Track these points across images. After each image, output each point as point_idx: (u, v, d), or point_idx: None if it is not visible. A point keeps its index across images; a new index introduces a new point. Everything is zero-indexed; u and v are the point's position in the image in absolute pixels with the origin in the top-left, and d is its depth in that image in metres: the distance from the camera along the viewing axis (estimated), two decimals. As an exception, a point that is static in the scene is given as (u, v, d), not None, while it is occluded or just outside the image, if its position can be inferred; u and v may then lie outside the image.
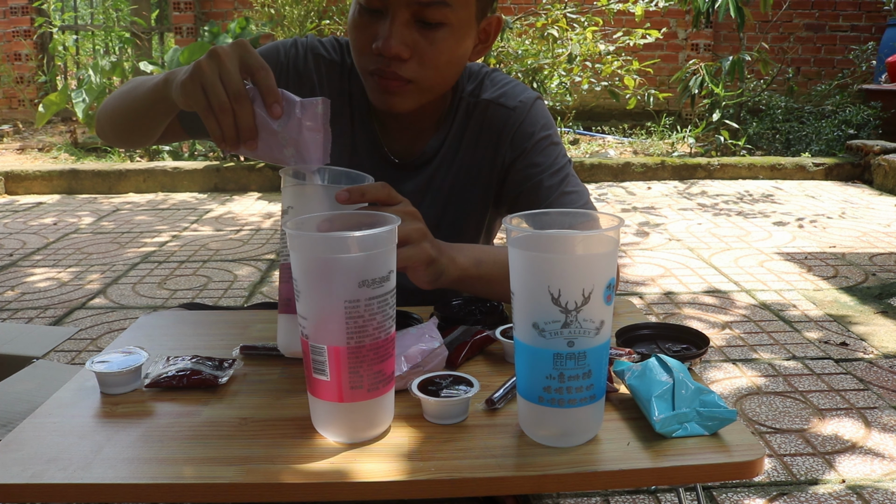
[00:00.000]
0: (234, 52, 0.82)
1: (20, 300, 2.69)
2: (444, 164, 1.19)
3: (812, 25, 6.60)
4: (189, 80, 0.82)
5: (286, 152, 0.84)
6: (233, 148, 0.83)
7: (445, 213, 1.21)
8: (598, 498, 1.48)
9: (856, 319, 2.42)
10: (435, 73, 1.04)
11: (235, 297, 2.70)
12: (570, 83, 5.26)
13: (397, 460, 0.72)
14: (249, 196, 4.65)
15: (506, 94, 1.17)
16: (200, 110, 0.82)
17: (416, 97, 1.06)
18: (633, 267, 3.03)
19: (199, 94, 0.81)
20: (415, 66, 1.02)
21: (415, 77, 1.02)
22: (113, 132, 1.14)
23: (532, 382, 0.72)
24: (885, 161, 4.66)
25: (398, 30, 0.99)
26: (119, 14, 5.62)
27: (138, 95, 1.03)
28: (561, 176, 1.14)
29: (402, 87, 1.03)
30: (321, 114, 0.84)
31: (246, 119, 0.81)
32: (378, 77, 1.03)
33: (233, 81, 0.80)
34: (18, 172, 4.70)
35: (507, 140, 1.16)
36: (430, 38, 1.01)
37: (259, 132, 0.83)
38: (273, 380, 0.90)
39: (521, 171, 1.15)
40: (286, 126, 0.83)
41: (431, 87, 1.06)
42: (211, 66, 0.81)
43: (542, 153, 1.15)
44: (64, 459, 0.72)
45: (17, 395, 1.43)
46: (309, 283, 0.71)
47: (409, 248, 0.89)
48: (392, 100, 1.05)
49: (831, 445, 1.65)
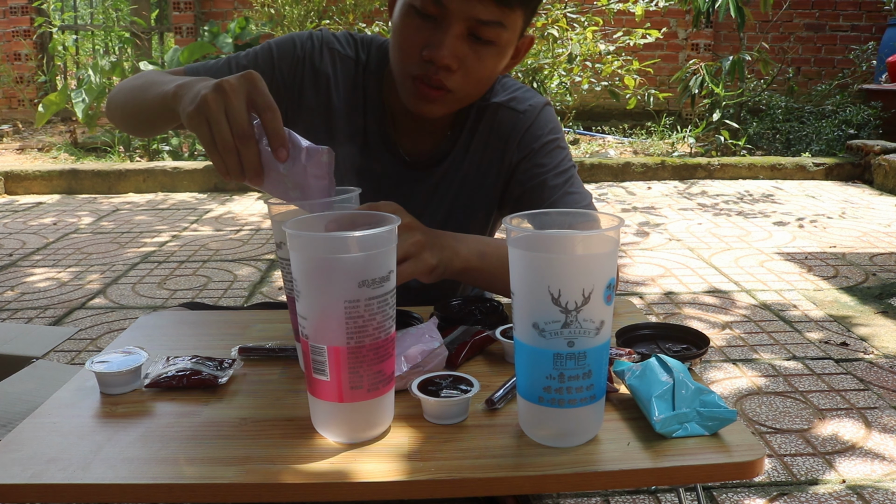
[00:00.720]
0: (241, 87, 0.79)
1: (20, 300, 2.69)
2: (454, 165, 1.20)
3: (812, 25, 6.60)
4: (195, 112, 0.80)
5: (291, 193, 0.84)
6: (238, 181, 0.83)
7: (452, 214, 1.22)
8: (598, 498, 1.48)
9: (856, 319, 2.42)
10: (475, 86, 1.07)
11: (235, 297, 2.70)
12: (570, 83, 5.26)
13: (397, 460, 0.72)
14: (249, 196, 4.65)
15: (516, 98, 1.19)
16: (205, 145, 0.80)
17: (449, 106, 1.08)
18: (633, 267, 3.03)
19: (204, 129, 0.79)
20: (459, 78, 1.03)
21: (456, 88, 1.04)
22: (122, 123, 1.14)
23: (532, 382, 0.72)
24: (885, 161, 4.66)
25: (452, 41, 1.00)
26: (119, 14, 5.63)
27: (147, 99, 1.02)
28: (565, 177, 1.16)
29: (442, 95, 1.05)
30: (326, 163, 0.84)
31: (250, 158, 0.80)
32: (420, 82, 1.04)
33: (238, 121, 0.78)
34: (18, 172, 4.70)
35: (514, 142, 1.17)
36: (479, 54, 1.03)
37: (265, 169, 0.83)
38: (273, 380, 0.90)
39: (527, 171, 1.17)
40: (292, 169, 0.83)
41: (465, 98, 1.09)
42: (217, 102, 0.78)
43: (549, 155, 1.17)
44: (64, 459, 0.72)
45: (17, 395, 1.43)
46: (309, 283, 0.71)
47: (410, 264, 0.91)
48: (427, 106, 1.07)
49: (831, 445, 1.65)
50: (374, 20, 5.43)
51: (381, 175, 1.20)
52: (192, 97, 0.82)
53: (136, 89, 1.06)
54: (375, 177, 1.20)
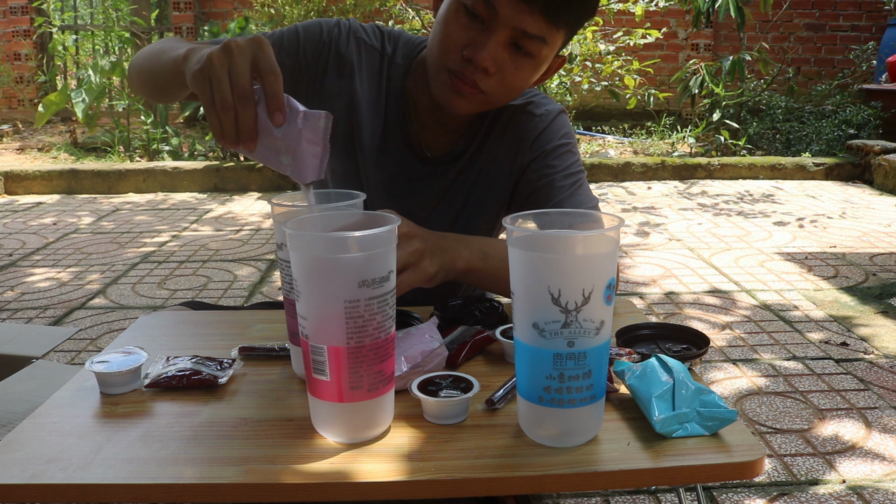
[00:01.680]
0: (248, 49, 0.80)
1: (20, 300, 2.69)
2: (469, 164, 1.21)
3: (812, 25, 6.60)
4: (199, 70, 0.81)
5: (283, 160, 0.84)
6: (231, 146, 0.83)
7: (463, 212, 1.24)
8: (598, 498, 1.48)
9: (856, 319, 2.42)
10: (507, 93, 1.09)
11: (235, 297, 2.70)
12: (570, 83, 5.26)
13: (397, 460, 0.72)
14: (249, 196, 4.65)
15: (533, 102, 1.22)
16: (204, 104, 0.81)
17: (478, 106, 1.10)
18: (633, 267, 3.03)
19: (205, 86, 0.80)
20: (494, 82, 1.05)
21: (489, 90, 1.06)
22: (140, 88, 1.14)
23: (532, 382, 0.72)
24: (885, 161, 4.65)
25: (495, 46, 1.02)
26: (119, 14, 5.62)
27: (161, 63, 1.02)
28: (574, 180, 1.18)
29: (474, 94, 1.07)
30: (322, 127, 0.83)
31: (246, 120, 0.81)
32: (455, 77, 1.06)
33: (240, 81, 0.79)
34: (18, 172, 4.70)
35: (528, 144, 1.20)
36: (517, 64, 1.05)
37: (259, 135, 0.83)
38: (273, 380, 0.90)
39: (536, 171, 1.19)
40: (286, 133, 0.83)
41: (495, 102, 1.11)
42: (221, 61, 0.79)
43: (559, 158, 1.19)
44: (64, 459, 0.72)
45: (17, 395, 1.43)
46: (309, 283, 0.71)
47: (409, 274, 0.92)
48: (458, 101, 1.08)
49: (832, 446, 1.65)
50: (375, 20, 5.43)
51: (397, 167, 1.21)
52: (199, 58, 0.83)
53: (154, 54, 1.07)
54: (391, 168, 1.21)
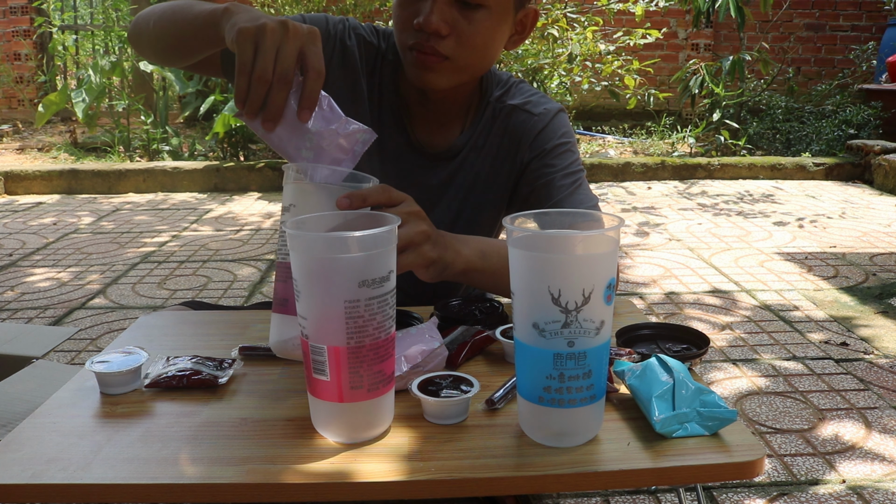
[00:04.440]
0: (303, 37, 0.80)
1: (20, 300, 2.69)
2: (468, 161, 1.21)
3: (812, 25, 6.60)
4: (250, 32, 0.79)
5: (304, 152, 0.83)
6: (249, 117, 0.82)
7: (463, 210, 1.24)
8: (598, 498, 1.48)
9: (856, 320, 2.42)
10: (471, 52, 1.08)
11: (235, 297, 2.70)
12: (570, 83, 5.26)
13: (397, 460, 0.72)
14: (249, 196, 4.65)
15: (532, 101, 1.22)
16: (240, 64, 0.79)
17: (450, 75, 1.09)
18: (633, 267, 3.03)
19: (248, 50, 0.79)
20: (452, 44, 1.05)
21: (451, 54, 1.06)
22: (150, 44, 1.11)
23: (532, 382, 0.72)
24: (885, 161, 4.65)
25: (439, 7, 1.03)
26: (119, 14, 5.62)
27: (189, 15, 1.00)
28: (573, 179, 1.18)
29: (439, 63, 1.07)
30: (358, 140, 0.84)
31: (276, 101, 0.79)
32: (417, 52, 1.06)
33: (285, 63, 0.78)
34: (18, 172, 4.70)
35: (527, 143, 1.20)
36: (469, 18, 1.05)
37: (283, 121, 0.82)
38: (273, 380, 0.90)
39: (536, 171, 1.19)
40: (321, 131, 0.82)
41: (466, 67, 1.10)
42: (274, 36, 0.78)
43: (559, 157, 1.19)
44: (64, 459, 0.72)
45: (17, 395, 1.43)
46: (309, 283, 0.71)
47: (409, 255, 0.89)
48: (428, 76, 1.08)
49: (832, 446, 1.65)
50: (375, 20, 5.43)
51: (396, 161, 1.21)
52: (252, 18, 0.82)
53: (175, 8, 1.04)
54: (390, 162, 1.21)
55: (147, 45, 1.12)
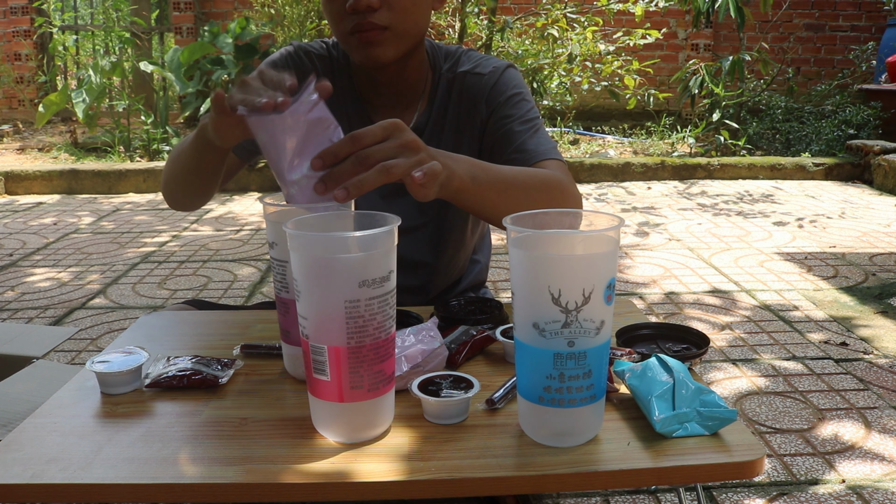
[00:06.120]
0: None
1: (20, 300, 2.69)
2: (433, 139, 1.23)
3: (812, 25, 6.60)
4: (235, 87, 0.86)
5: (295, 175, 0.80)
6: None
7: None
8: (598, 498, 1.48)
9: (856, 320, 2.42)
10: (405, 15, 1.11)
11: (235, 297, 2.70)
12: (570, 83, 5.26)
13: (397, 460, 0.72)
14: (249, 196, 4.65)
15: (480, 64, 1.25)
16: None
17: (394, 44, 1.12)
18: (633, 267, 3.03)
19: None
20: (386, 13, 1.09)
21: (389, 23, 1.09)
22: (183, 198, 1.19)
23: (532, 382, 0.72)
24: (885, 161, 4.65)
25: None
26: (119, 14, 5.62)
27: (183, 152, 1.08)
28: (531, 125, 1.19)
29: (380, 35, 1.10)
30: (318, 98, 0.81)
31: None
32: (358, 33, 1.09)
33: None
34: (18, 172, 4.70)
35: (482, 101, 1.22)
36: None
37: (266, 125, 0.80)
38: (273, 380, 0.90)
39: (495, 124, 1.21)
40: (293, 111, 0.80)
41: (406, 32, 1.12)
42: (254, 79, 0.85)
43: (514, 107, 1.21)
44: (64, 459, 0.72)
45: (17, 395, 1.43)
46: (309, 283, 0.71)
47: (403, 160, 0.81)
48: (375, 50, 1.11)
49: (831, 445, 1.65)
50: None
51: None
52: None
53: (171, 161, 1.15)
54: None
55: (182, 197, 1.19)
